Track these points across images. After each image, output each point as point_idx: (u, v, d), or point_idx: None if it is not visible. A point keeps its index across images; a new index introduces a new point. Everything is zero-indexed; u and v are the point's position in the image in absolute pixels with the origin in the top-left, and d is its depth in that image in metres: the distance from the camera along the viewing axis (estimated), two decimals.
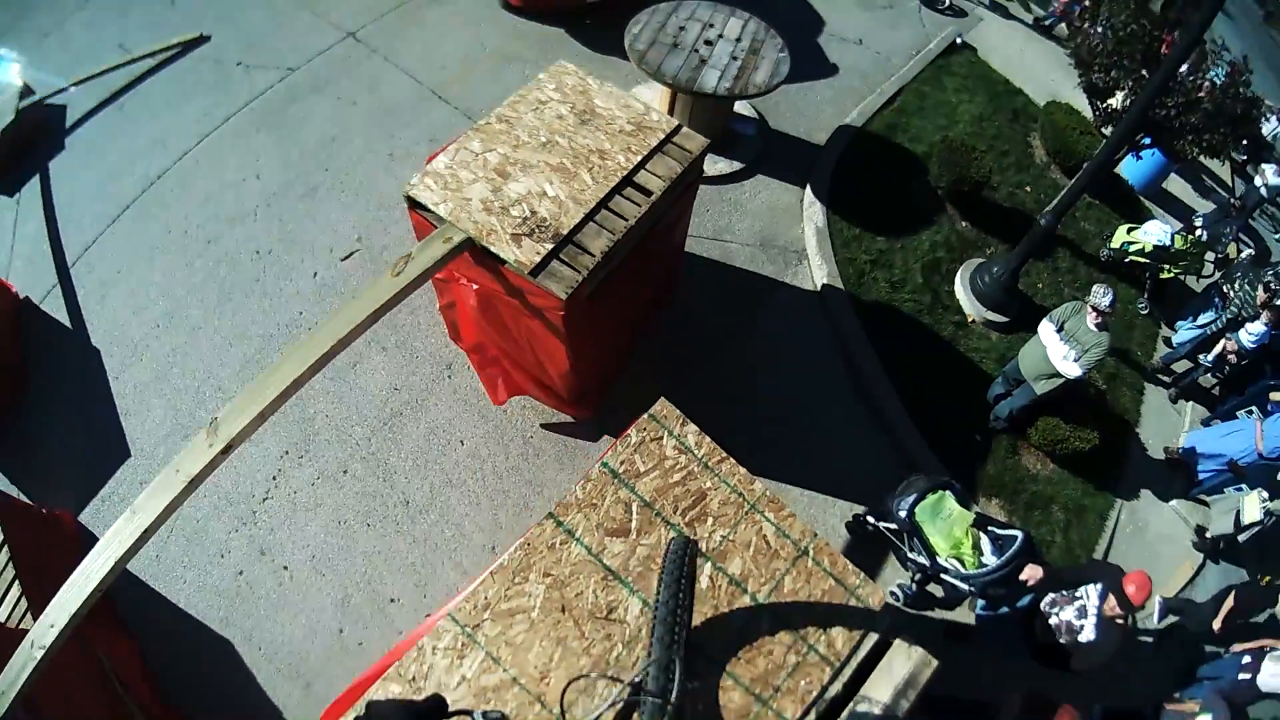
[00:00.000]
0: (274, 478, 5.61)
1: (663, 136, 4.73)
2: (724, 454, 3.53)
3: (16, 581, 4.57)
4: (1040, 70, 10.26)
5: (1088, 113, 8.87)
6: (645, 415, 3.55)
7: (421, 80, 8.18)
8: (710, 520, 3.38)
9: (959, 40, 9.81)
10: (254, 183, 7.28)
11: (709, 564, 3.26)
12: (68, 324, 6.75)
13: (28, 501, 5.62)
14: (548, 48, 8.60)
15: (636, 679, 2.46)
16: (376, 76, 8.21)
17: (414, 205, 4.43)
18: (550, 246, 4.13)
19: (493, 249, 4.12)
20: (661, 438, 3.51)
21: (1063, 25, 10.77)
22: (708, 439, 3.54)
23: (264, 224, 6.99)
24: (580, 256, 4.17)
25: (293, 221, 6.99)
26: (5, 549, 4.72)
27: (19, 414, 6.23)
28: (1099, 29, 7.33)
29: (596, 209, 4.35)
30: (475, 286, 4.60)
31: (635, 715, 2.42)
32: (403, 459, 5.66)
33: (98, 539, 5.38)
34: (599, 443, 5.79)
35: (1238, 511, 6.26)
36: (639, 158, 4.59)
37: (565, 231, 4.20)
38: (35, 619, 4.28)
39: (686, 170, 4.68)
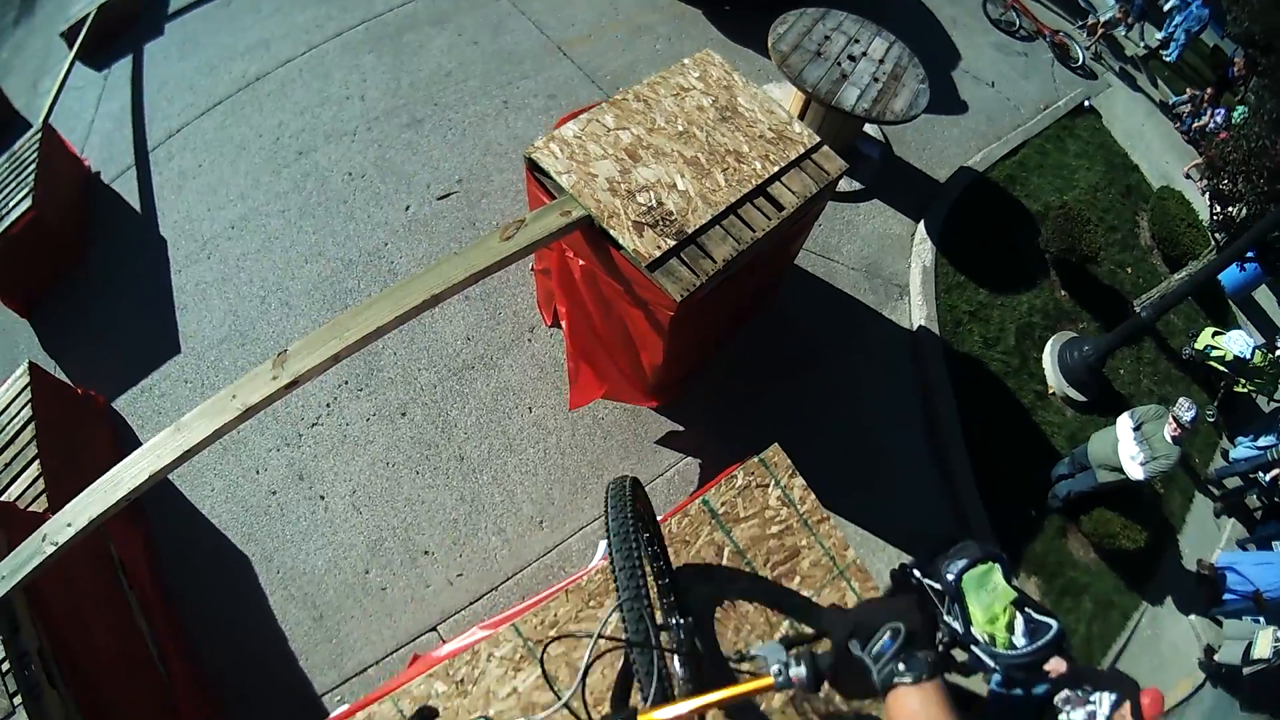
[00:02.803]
0: (328, 405, 5.54)
1: (803, 151, 4.53)
2: (825, 513, 3.38)
3: (37, 461, 4.53)
4: (1157, 149, 10.02)
5: (1199, 205, 8.70)
6: (755, 459, 3.39)
7: (548, 33, 8.02)
8: (798, 579, 3.23)
9: (1086, 103, 9.54)
10: (357, 103, 7.17)
11: (786, 622, 3.13)
12: (137, 208, 6.75)
13: (62, 378, 5.60)
14: (682, 25, 8.44)
15: (603, 626, 2.31)
16: (502, 20, 8.06)
17: (533, 168, 4.27)
18: (673, 243, 3.97)
19: (612, 233, 3.96)
20: (768, 485, 3.35)
21: (1189, 116, 10.54)
22: (812, 495, 3.39)
23: (361, 146, 6.87)
24: (701, 260, 4.00)
25: (392, 150, 6.87)
26: (32, 425, 4.68)
27: (68, 287, 6.23)
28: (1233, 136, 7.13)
29: (725, 213, 4.17)
30: (581, 262, 4.46)
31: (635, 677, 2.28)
32: (465, 413, 5.55)
33: (129, 427, 5.49)
34: (667, 438, 5.65)
35: (1249, 644, 6.17)
36: (776, 168, 4.40)
37: (690, 230, 4.03)
38: (50, 501, 4.31)
39: (821, 191, 4.49)
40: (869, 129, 7.61)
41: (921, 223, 7.30)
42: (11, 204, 5.92)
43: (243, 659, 4.70)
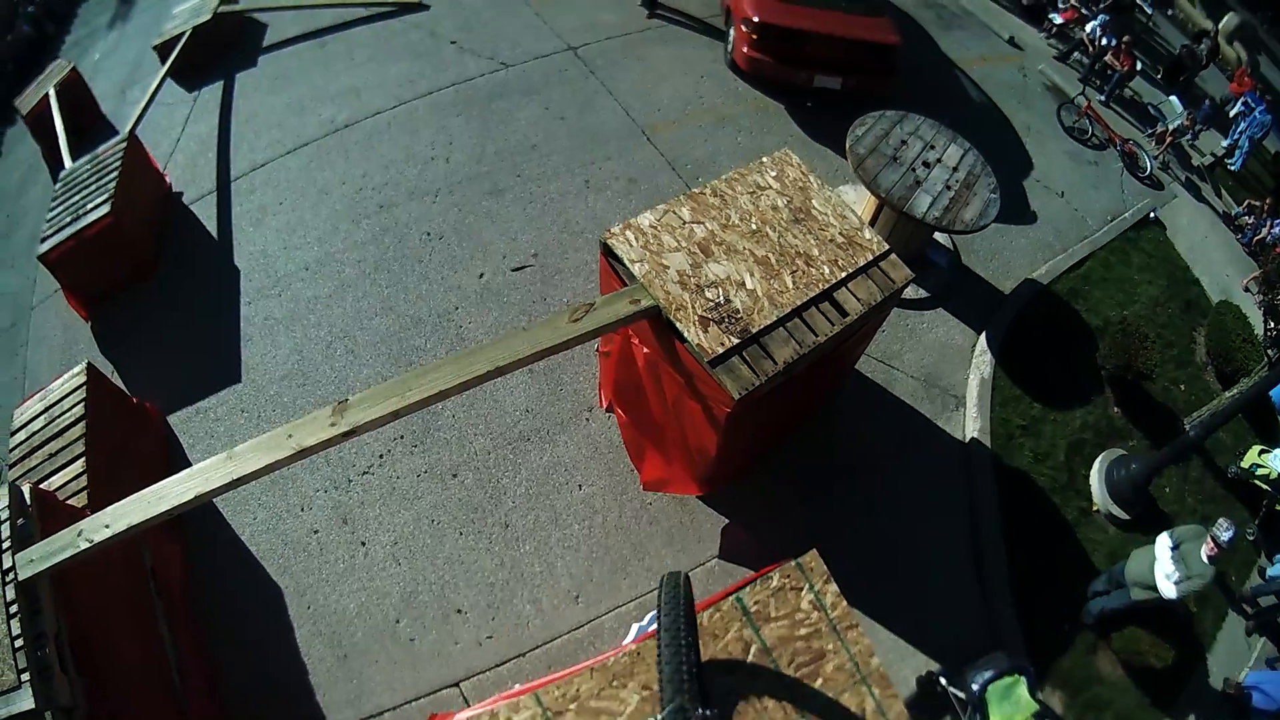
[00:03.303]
0: (381, 457, 5.66)
1: (871, 258, 4.62)
2: (855, 620, 3.42)
3: (83, 458, 4.65)
4: (1218, 262, 9.90)
5: (1255, 319, 8.60)
6: (793, 563, 3.45)
7: (633, 115, 8.23)
8: (820, 681, 3.27)
9: (1152, 215, 9.51)
10: (442, 164, 7.40)
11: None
12: (214, 234, 6.98)
13: (120, 385, 5.76)
14: (764, 119, 8.64)
15: None
16: (590, 99, 8.29)
17: (608, 253, 4.41)
18: (737, 341, 4.06)
19: (678, 325, 4.06)
20: (801, 589, 3.41)
21: (1250, 228, 10.46)
22: (844, 602, 3.43)
23: (442, 208, 7.08)
24: (763, 361, 4.08)
25: (472, 215, 7.06)
26: (82, 424, 4.81)
27: (138, 299, 6.43)
28: None
29: (790, 315, 4.26)
30: (645, 350, 4.56)
31: None
32: (516, 483, 5.63)
33: (180, 444, 5.61)
34: (711, 530, 5.65)
35: None
36: (843, 274, 4.49)
37: (755, 330, 4.13)
38: (90, 499, 4.42)
39: (886, 299, 4.56)
40: (939, 236, 7.66)
41: (983, 334, 7.29)
42: (90, 205, 6.14)
43: (262, 683, 4.78)
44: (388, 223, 6.93)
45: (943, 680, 5.17)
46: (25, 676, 3.30)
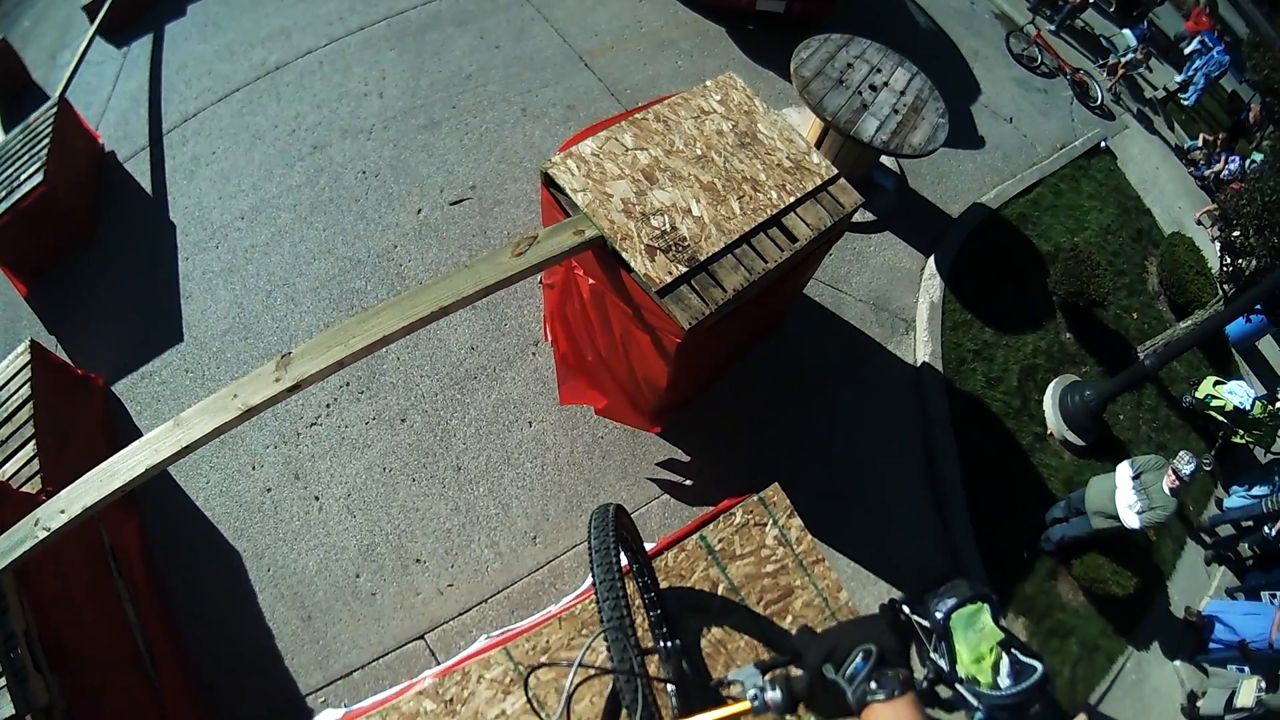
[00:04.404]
0: (328, 406, 5.53)
1: (820, 182, 4.51)
2: (820, 554, 3.39)
3: (34, 440, 4.52)
4: (1170, 194, 10.00)
5: (1209, 252, 8.71)
6: (754, 498, 3.39)
7: (570, 42, 8.02)
8: (790, 618, 3.24)
9: (1103, 144, 9.52)
10: (375, 100, 7.16)
11: (770, 654, 3.13)
12: (148, 190, 6.74)
13: (63, 357, 5.62)
14: (705, 43, 8.45)
15: (584, 655, 2.31)
16: (525, 26, 8.06)
17: (549, 183, 4.25)
18: (684, 269, 3.95)
19: (624, 255, 3.93)
20: (765, 524, 3.35)
21: (1203, 162, 10.55)
22: (809, 536, 3.39)
23: (377, 145, 6.85)
24: (712, 289, 3.98)
25: (407, 150, 6.85)
26: (30, 405, 4.67)
27: (75, 266, 6.21)
28: (1247, 188, 7.11)
29: (738, 242, 4.15)
30: (590, 281, 4.43)
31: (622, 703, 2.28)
32: (465, 424, 5.54)
33: (127, 412, 5.48)
34: (666, 462, 5.63)
35: (1233, 693, 6.15)
36: (791, 199, 4.38)
37: (702, 258, 4.01)
38: (44, 482, 4.32)
39: (835, 224, 4.47)
40: (885, 159, 7.59)
41: (932, 258, 7.28)
42: (23, 177, 5.91)
43: (229, 653, 4.70)
44: (322, 163, 6.70)
45: (905, 609, 5.20)
46: (1, 682, 3.21)
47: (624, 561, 2.51)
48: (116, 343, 5.83)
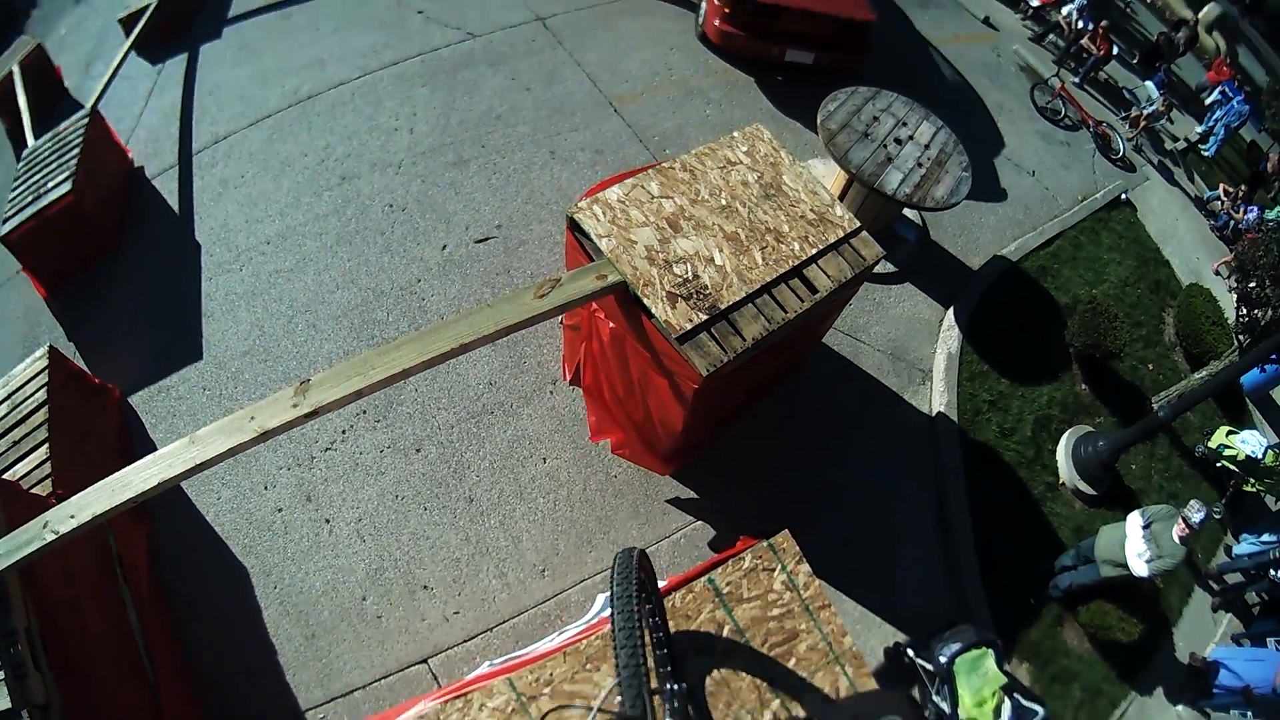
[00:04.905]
0: (344, 432, 5.58)
1: (841, 235, 4.59)
2: (827, 600, 3.41)
3: (47, 444, 4.58)
4: (1189, 245, 10.01)
5: (1225, 303, 8.68)
6: (764, 544, 3.43)
7: (601, 87, 8.13)
8: (793, 661, 3.26)
9: (1123, 196, 9.56)
10: (405, 135, 7.28)
11: (778, 699, 3.14)
12: (175, 209, 6.83)
13: (81, 365, 5.69)
14: (734, 93, 8.56)
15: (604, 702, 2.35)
16: (557, 69, 8.18)
17: (574, 227, 4.34)
18: (705, 317, 4.02)
19: (645, 301, 4.01)
20: (774, 569, 3.39)
21: (1222, 212, 10.56)
22: (817, 581, 3.42)
23: (405, 179, 6.96)
24: (731, 337, 4.04)
25: (435, 187, 6.95)
26: (45, 409, 4.74)
27: (99, 276, 6.31)
28: (1264, 239, 7.13)
29: (759, 292, 4.22)
30: (611, 325, 4.50)
31: None
32: (479, 456, 5.58)
33: (143, 424, 5.55)
34: (677, 501, 5.65)
35: None
36: (814, 250, 4.45)
37: (723, 306, 4.08)
38: (55, 485, 4.37)
39: (856, 277, 4.54)
40: (907, 210, 7.62)
41: (951, 309, 7.32)
42: (51, 184, 6.01)
43: (231, 665, 4.73)
44: (350, 194, 6.80)
45: (910, 652, 5.23)
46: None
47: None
48: (135, 355, 5.90)
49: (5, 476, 4.09)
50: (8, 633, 3.34)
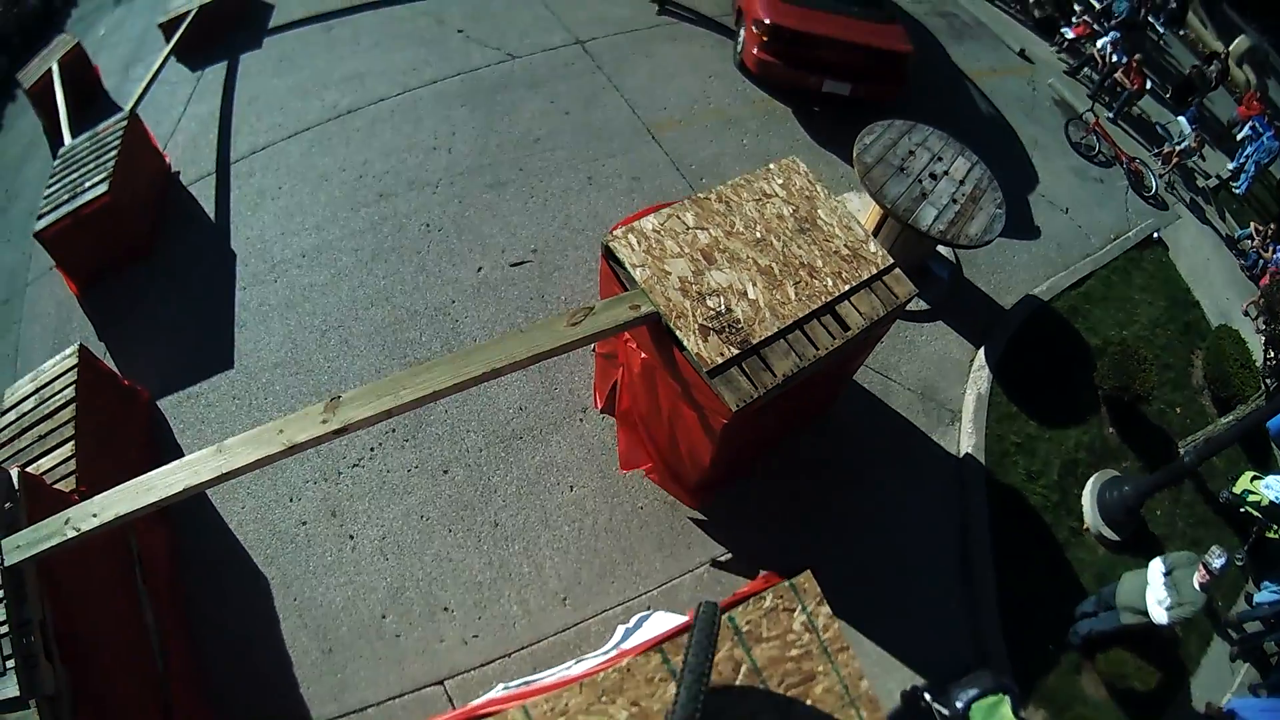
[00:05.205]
0: (372, 450, 5.62)
1: (875, 271, 4.59)
2: (846, 642, 3.39)
3: (73, 441, 4.62)
4: (1219, 286, 9.90)
5: (1255, 346, 8.60)
6: (786, 584, 3.42)
7: (639, 113, 8.19)
8: (809, 703, 3.25)
9: (1155, 235, 9.49)
10: (444, 155, 7.35)
11: None
12: (211, 216, 6.93)
13: (111, 366, 5.74)
14: (771, 123, 8.60)
15: None
16: (596, 94, 8.25)
17: (609, 256, 4.36)
18: (736, 351, 4.02)
19: (678, 333, 4.02)
20: (794, 610, 3.37)
21: (1252, 251, 10.44)
22: (837, 623, 3.40)
23: (443, 199, 7.02)
24: (762, 373, 4.05)
25: (472, 208, 7.01)
26: (73, 406, 4.78)
27: (132, 279, 6.39)
28: None
29: (791, 327, 4.22)
30: (643, 355, 4.52)
31: None
32: (507, 481, 5.60)
33: (170, 428, 5.61)
34: (703, 535, 5.63)
35: None
36: (847, 287, 4.45)
37: (755, 341, 4.09)
38: (79, 482, 4.40)
39: (888, 314, 4.53)
40: (941, 248, 7.63)
41: (982, 349, 7.28)
42: (88, 184, 6.09)
43: (246, 673, 4.76)
44: (387, 212, 6.88)
45: (927, 696, 5.18)
46: (10, 664, 3.27)
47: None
48: (166, 359, 5.97)
49: (29, 470, 4.13)
50: (22, 623, 3.37)
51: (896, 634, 5.59)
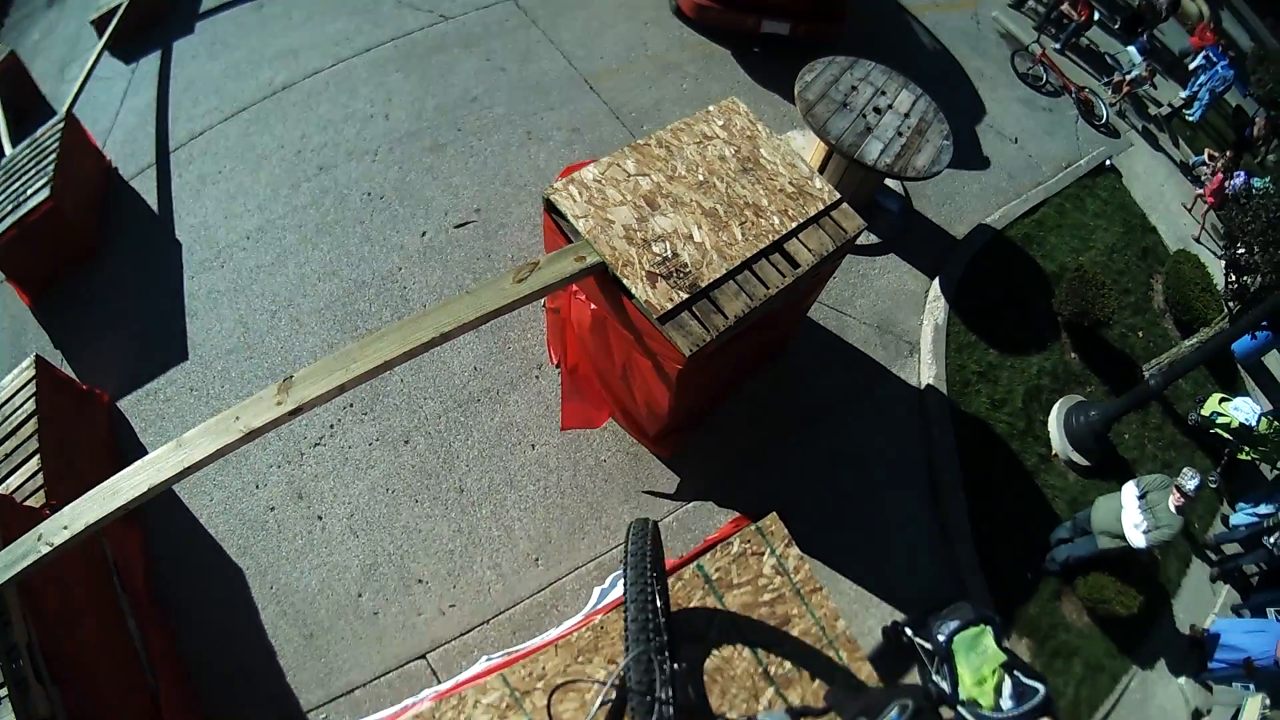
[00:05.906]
0: (331, 426, 5.55)
1: (822, 208, 4.53)
2: (818, 583, 3.39)
3: (38, 455, 4.55)
4: (1175, 211, 9.98)
5: (1214, 269, 8.69)
6: (752, 527, 3.40)
7: (575, 65, 8.06)
8: (787, 647, 3.25)
9: (1108, 162, 9.51)
10: (381, 122, 7.20)
11: (772, 688, 3.12)
12: (154, 209, 6.78)
13: (68, 373, 5.65)
14: (710, 65, 8.48)
15: (617, 678, 2.33)
16: (531, 48, 8.10)
17: (551, 209, 4.27)
18: (685, 296, 3.96)
19: (625, 282, 3.95)
20: (763, 554, 3.37)
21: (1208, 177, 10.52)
22: (806, 564, 3.40)
23: (382, 167, 6.90)
24: (713, 315, 3.99)
25: (413, 172, 6.89)
26: (35, 419, 4.70)
27: (82, 281, 6.25)
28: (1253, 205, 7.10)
29: (740, 268, 4.16)
30: (592, 307, 4.45)
31: (627, 715, 2.30)
32: (468, 446, 5.55)
33: (132, 429, 5.51)
34: (668, 484, 5.62)
35: (1238, 710, 6.16)
36: (794, 224, 4.39)
37: (704, 284, 4.03)
38: (48, 496, 4.35)
39: (838, 249, 4.49)
40: (890, 180, 7.59)
41: (936, 280, 7.27)
42: (29, 192, 5.94)
43: (230, 669, 4.72)
44: (328, 184, 6.74)
45: (908, 631, 5.21)
46: (2, 691, 3.23)
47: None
48: (122, 359, 5.86)
49: None
50: (9, 648, 3.32)
51: (873, 570, 5.64)
